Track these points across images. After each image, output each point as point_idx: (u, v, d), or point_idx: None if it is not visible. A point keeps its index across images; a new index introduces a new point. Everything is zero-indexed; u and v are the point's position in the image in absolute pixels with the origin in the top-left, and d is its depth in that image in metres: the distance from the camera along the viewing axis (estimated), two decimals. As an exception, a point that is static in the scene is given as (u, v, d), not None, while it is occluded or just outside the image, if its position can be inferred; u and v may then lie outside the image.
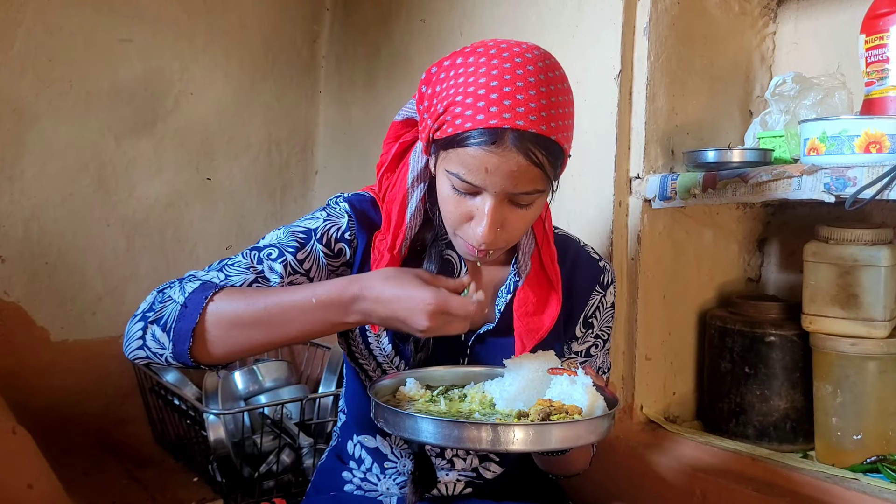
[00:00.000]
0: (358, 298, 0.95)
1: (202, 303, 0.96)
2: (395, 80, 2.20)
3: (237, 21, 2.36)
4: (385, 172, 1.14)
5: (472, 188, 0.99)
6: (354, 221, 1.13)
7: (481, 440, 0.86)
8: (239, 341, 0.97)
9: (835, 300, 1.40)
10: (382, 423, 0.93)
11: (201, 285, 0.99)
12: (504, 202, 1.00)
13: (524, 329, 1.13)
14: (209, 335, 0.96)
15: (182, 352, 0.96)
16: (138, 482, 1.93)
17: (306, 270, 1.09)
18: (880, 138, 1.20)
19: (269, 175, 2.49)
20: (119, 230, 2.21)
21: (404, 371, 1.10)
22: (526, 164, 0.95)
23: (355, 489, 1.22)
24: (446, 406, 1.00)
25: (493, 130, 0.94)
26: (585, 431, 0.90)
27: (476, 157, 0.95)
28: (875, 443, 1.38)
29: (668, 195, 1.49)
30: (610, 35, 1.53)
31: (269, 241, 1.10)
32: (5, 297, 2.04)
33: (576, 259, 1.23)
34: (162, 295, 1.00)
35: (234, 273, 1.05)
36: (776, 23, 1.77)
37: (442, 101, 0.98)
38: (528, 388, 0.99)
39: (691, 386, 1.71)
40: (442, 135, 0.99)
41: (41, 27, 2.03)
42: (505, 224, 1.01)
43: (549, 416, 0.91)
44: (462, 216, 1.02)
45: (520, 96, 0.94)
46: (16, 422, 1.61)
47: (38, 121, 2.05)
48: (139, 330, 0.98)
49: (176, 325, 0.96)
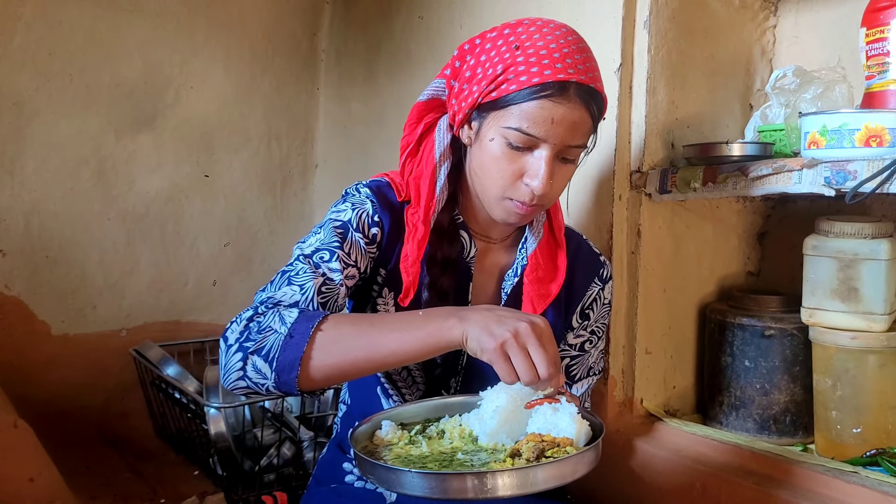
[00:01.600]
0: (461, 310, 0.97)
1: (309, 332, 0.96)
2: (396, 74, 2.20)
3: (237, 15, 2.36)
4: (408, 156, 1.18)
5: (532, 141, 1.05)
6: (377, 204, 1.16)
7: (467, 490, 0.84)
8: (341, 363, 0.97)
9: (835, 294, 1.40)
10: (373, 479, 0.92)
11: (302, 314, 0.99)
12: (556, 157, 1.07)
13: (535, 293, 1.17)
14: (313, 363, 0.96)
15: (287, 381, 0.95)
16: (139, 475, 1.93)
17: (354, 261, 1.12)
18: (881, 132, 1.20)
19: (269, 169, 2.49)
20: (119, 224, 2.21)
21: (377, 414, 1.07)
22: (586, 115, 1.06)
23: (356, 480, 1.23)
24: (428, 447, 0.98)
25: (561, 83, 1.03)
26: (577, 467, 0.89)
27: (544, 108, 1.03)
28: (875, 436, 1.38)
29: (668, 189, 1.49)
30: (610, 28, 1.53)
31: (315, 245, 1.11)
32: (6, 291, 2.05)
33: (577, 250, 1.28)
34: (257, 324, 0.98)
35: (304, 281, 1.06)
36: (777, 16, 1.76)
37: (497, 64, 1.05)
38: (509, 419, 0.97)
39: (691, 379, 1.71)
40: (502, 93, 1.04)
41: (41, 21, 2.03)
42: (553, 178, 1.07)
43: (543, 452, 0.90)
44: (515, 173, 1.07)
45: (576, 56, 1.05)
46: (17, 415, 1.61)
47: (38, 115, 2.05)
48: (239, 361, 0.97)
49: (280, 355, 0.95)
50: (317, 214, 2.59)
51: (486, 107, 1.07)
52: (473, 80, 1.08)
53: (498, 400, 0.99)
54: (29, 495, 1.49)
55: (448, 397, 1.14)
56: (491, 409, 0.98)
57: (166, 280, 2.31)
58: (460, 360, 1.20)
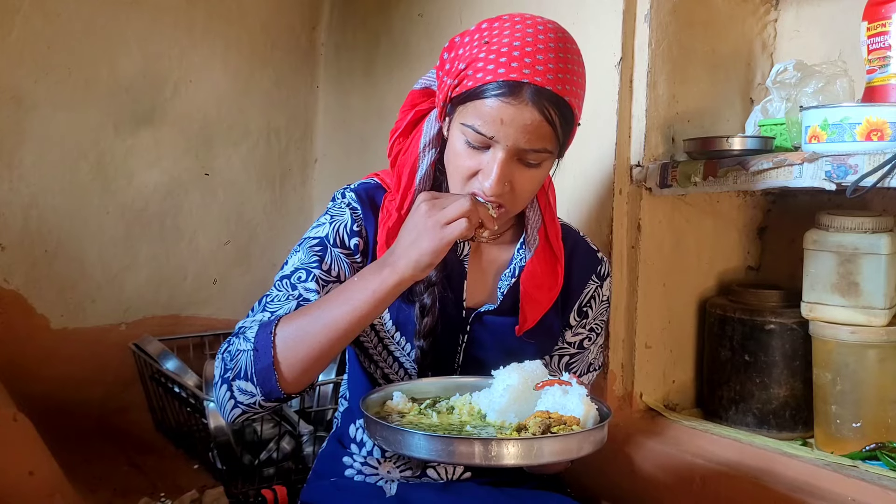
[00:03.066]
0: (387, 255, 1.02)
1: (269, 338, 1.01)
2: (395, 69, 2.19)
3: (236, 8, 2.35)
4: (398, 137, 1.18)
5: (485, 140, 1.03)
6: (360, 210, 1.16)
7: (474, 455, 0.87)
8: (310, 352, 1.01)
9: (835, 288, 1.40)
10: (380, 440, 0.94)
11: (260, 326, 1.04)
12: (513, 159, 1.04)
13: (530, 303, 1.16)
14: (286, 363, 1.01)
15: (272, 389, 1.01)
16: (139, 469, 1.93)
17: (336, 277, 1.13)
18: (882, 126, 1.20)
19: (268, 163, 2.48)
20: (118, 218, 2.21)
21: (391, 385, 1.12)
22: (539, 119, 1.01)
23: (356, 474, 1.23)
24: (438, 419, 1.00)
25: (512, 83, 1.00)
26: (582, 443, 0.90)
27: (493, 107, 1.01)
28: (874, 430, 1.38)
29: (668, 183, 1.49)
30: (611, 22, 1.52)
31: (294, 264, 1.13)
32: (5, 285, 2.04)
33: (574, 247, 1.27)
34: (228, 354, 1.05)
35: (277, 307, 1.09)
36: (777, 10, 1.76)
37: (464, 59, 1.04)
38: (519, 398, 0.99)
39: (691, 374, 1.71)
40: (462, 89, 1.04)
41: (39, 14, 2.02)
42: (513, 182, 1.05)
43: (549, 427, 0.91)
44: (471, 170, 1.06)
45: (539, 56, 1.01)
46: (17, 409, 1.61)
47: (36, 108, 2.05)
48: (225, 391, 1.04)
49: (255, 368, 1.01)
50: (316, 209, 2.58)
51: (454, 101, 1.07)
52: (447, 75, 1.08)
53: (509, 379, 1.01)
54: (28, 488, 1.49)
55: (461, 377, 1.15)
56: (502, 387, 1.00)
57: (165, 274, 2.30)
58: (456, 359, 1.20)
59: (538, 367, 1.04)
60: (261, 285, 2.46)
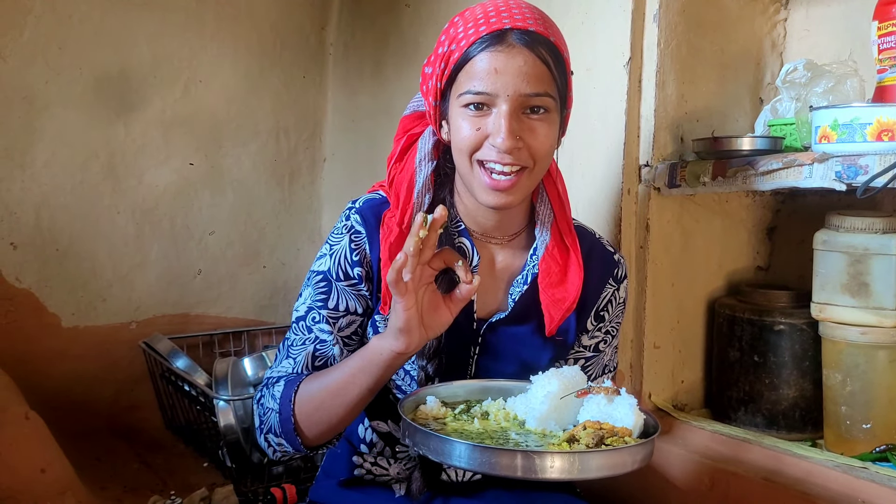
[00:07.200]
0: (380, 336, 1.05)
1: (290, 407, 1.09)
2: (404, 68, 2.19)
3: (245, 8, 2.36)
4: (395, 163, 1.17)
5: (485, 98, 1.02)
6: (363, 233, 1.14)
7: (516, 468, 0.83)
8: (328, 421, 1.08)
9: (845, 289, 1.39)
10: (425, 449, 0.91)
11: (284, 387, 1.11)
12: (518, 112, 1.03)
13: (550, 300, 1.13)
14: (307, 429, 1.09)
15: (298, 447, 1.10)
16: (149, 467, 1.95)
17: (346, 309, 1.15)
18: (893, 126, 1.19)
19: (277, 162, 2.49)
20: (129, 217, 2.22)
21: (424, 388, 1.10)
22: (532, 58, 1.02)
23: (365, 473, 1.23)
24: (481, 426, 0.98)
25: (496, 32, 1.02)
26: (635, 457, 0.88)
27: (485, 61, 1.02)
28: (884, 431, 1.38)
29: (677, 183, 1.48)
30: (620, 22, 1.52)
31: (307, 303, 1.16)
32: (17, 284, 2.06)
33: (590, 251, 1.22)
34: (261, 408, 1.13)
35: (297, 353, 1.15)
36: (787, 9, 1.75)
37: (445, 45, 1.07)
38: (559, 406, 0.96)
39: (700, 374, 1.71)
40: (450, 65, 1.05)
41: (51, 14, 2.04)
42: (524, 138, 1.04)
43: (602, 439, 0.88)
44: (479, 137, 1.04)
45: (515, 10, 1.04)
46: (28, 407, 1.63)
47: (48, 108, 2.06)
48: (264, 442, 1.14)
49: (282, 429, 1.10)
50: (325, 208, 2.59)
51: (445, 88, 1.08)
52: (432, 73, 1.09)
53: (550, 385, 0.98)
54: (40, 486, 1.51)
55: (490, 381, 1.12)
56: (542, 394, 0.97)
57: (175, 273, 2.32)
58: (468, 370, 1.18)
59: (577, 374, 1.01)
60: (270, 284, 2.49)
